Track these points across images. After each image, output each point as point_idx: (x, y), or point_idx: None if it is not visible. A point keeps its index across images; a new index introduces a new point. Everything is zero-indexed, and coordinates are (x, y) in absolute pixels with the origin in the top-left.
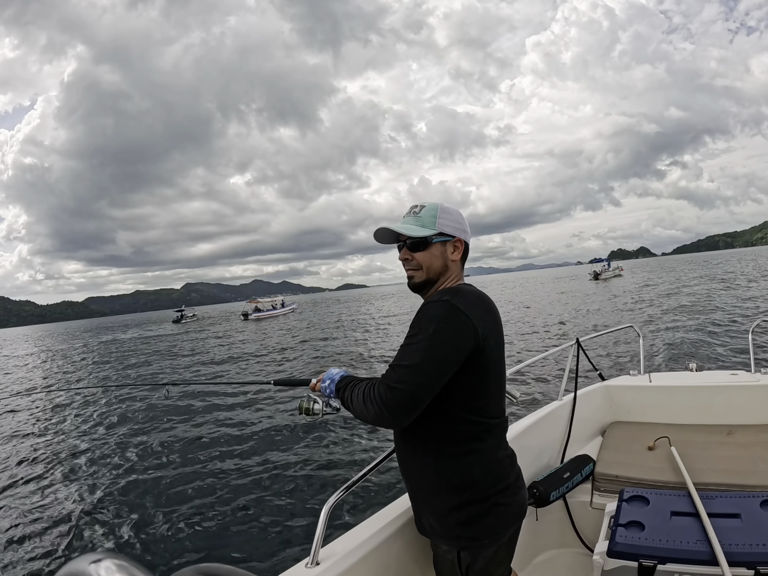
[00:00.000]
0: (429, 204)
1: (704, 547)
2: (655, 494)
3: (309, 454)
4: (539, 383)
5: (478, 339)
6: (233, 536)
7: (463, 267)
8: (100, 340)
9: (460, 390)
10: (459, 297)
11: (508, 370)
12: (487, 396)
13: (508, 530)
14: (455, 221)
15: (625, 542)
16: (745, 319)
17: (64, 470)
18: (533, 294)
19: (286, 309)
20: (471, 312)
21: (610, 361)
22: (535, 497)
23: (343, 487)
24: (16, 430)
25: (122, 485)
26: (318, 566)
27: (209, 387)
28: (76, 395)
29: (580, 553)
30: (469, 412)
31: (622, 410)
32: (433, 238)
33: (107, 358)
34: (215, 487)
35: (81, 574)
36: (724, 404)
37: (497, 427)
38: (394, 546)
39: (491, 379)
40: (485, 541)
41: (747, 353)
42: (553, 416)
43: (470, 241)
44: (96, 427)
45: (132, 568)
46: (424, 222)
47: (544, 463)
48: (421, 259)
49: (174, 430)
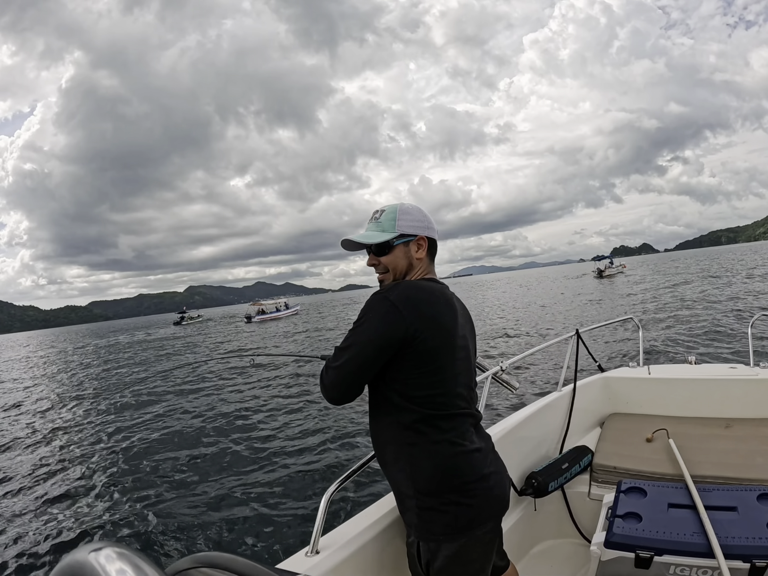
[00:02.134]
0: (389, 207)
1: (701, 540)
2: (653, 486)
3: (310, 443)
4: (539, 374)
5: (408, 330)
6: (233, 524)
7: (433, 261)
8: (106, 342)
9: (394, 376)
10: (394, 291)
11: (507, 361)
12: (431, 386)
13: (470, 531)
14: (415, 220)
15: (623, 533)
16: (745, 313)
17: (64, 462)
18: (535, 294)
19: (289, 311)
20: (403, 304)
21: (609, 353)
22: (534, 487)
23: (343, 476)
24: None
25: (119, 473)
26: (318, 555)
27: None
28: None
29: (578, 544)
30: (407, 400)
31: (620, 402)
32: (394, 241)
33: (117, 357)
34: (216, 475)
35: (82, 564)
36: (723, 397)
37: (451, 419)
38: (392, 535)
39: (432, 367)
40: (440, 537)
41: (746, 347)
42: (552, 407)
43: (436, 236)
44: (98, 417)
45: (133, 557)
46: (384, 226)
47: (542, 454)
48: (386, 262)
49: (173, 423)
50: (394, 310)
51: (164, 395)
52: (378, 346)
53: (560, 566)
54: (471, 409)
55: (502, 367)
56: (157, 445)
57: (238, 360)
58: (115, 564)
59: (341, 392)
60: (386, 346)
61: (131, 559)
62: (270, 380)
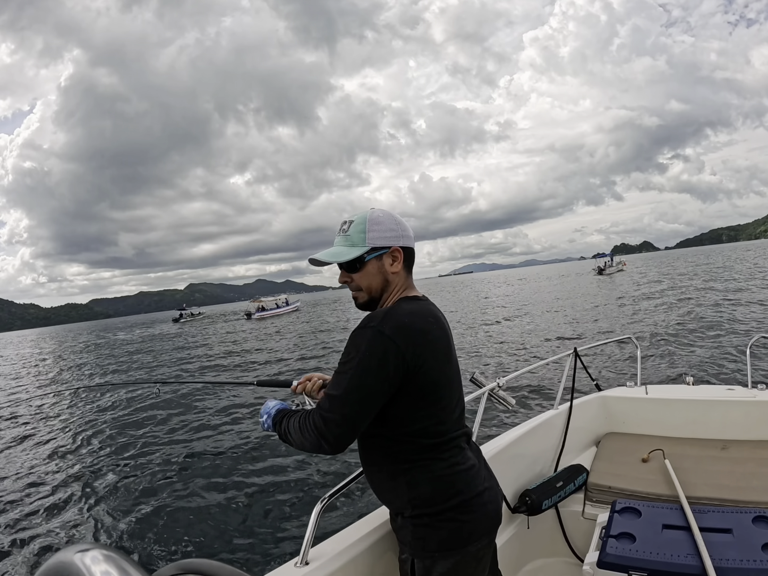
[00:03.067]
0: (357, 218)
1: (695, 561)
2: (648, 506)
3: (300, 455)
4: (535, 391)
5: (408, 364)
6: (222, 533)
7: (410, 272)
8: (104, 339)
9: (397, 413)
10: (386, 321)
11: (504, 377)
12: (429, 417)
13: (465, 547)
14: (387, 230)
15: (616, 553)
16: (745, 333)
17: (53, 467)
18: (536, 294)
19: (290, 307)
20: (398, 337)
21: (606, 372)
22: (527, 505)
23: (335, 488)
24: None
25: (109, 480)
26: (307, 566)
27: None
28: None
29: (571, 563)
30: (402, 434)
31: (617, 421)
32: (365, 256)
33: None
34: (205, 484)
35: (68, 565)
36: (720, 419)
37: (446, 444)
38: (383, 548)
39: (433, 398)
40: (436, 554)
41: (744, 369)
42: (548, 425)
43: (413, 243)
44: (86, 425)
45: (119, 559)
46: (353, 240)
47: (537, 472)
48: (358, 280)
49: (164, 429)
50: (392, 346)
51: (157, 399)
52: (378, 392)
53: None
54: (463, 427)
55: (499, 383)
56: (146, 451)
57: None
58: (100, 566)
59: (344, 438)
60: (386, 391)
61: (117, 562)
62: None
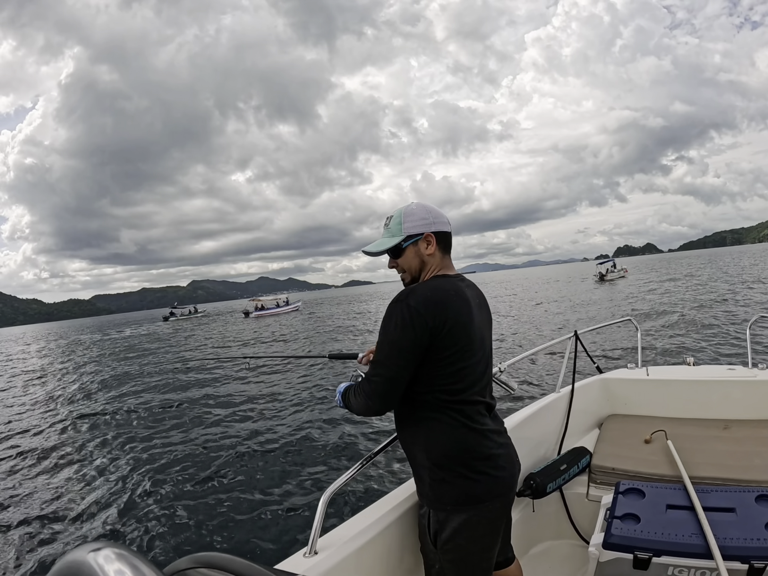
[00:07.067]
0: (396, 212)
1: (699, 541)
2: (651, 487)
3: (309, 443)
4: (537, 375)
5: (432, 332)
6: (232, 525)
7: (447, 252)
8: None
9: (423, 372)
10: (412, 296)
11: (506, 362)
12: (449, 376)
13: (476, 505)
14: (419, 219)
15: (621, 534)
16: (744, 314)
17: (63, 462)
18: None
19: (290, 307)
20: (422, 307)
21: (608, 354)
22: (532, 488)
23: (342, 476)
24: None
25: (119, 473)
26: (316, 555)
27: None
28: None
29: (576, 545)
30: (428, 391)
31: (619, 403)
32: (402, 243)
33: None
34: (214, 475)
35: (80, 564)
36: (721, 399)
37: (463, 404)
38: (392, 537)
39: (452, 361)
40: (449, 507)
41: (745, 348)
42: (550, 408)
43: (447, 227)
44: (97, 414)
45: (131, 557)
46: (393, 231)
47: (541, 455)
48: (401, 264)
49: (164, 428)
50: (416, 314)
51: (163, 394)
52: (410, 353)
53: (558, 567)
54: (486, 397)
55: (501, 368)
56: (155, 445)
57: (231, 365)
58: (113, 564)
59: (388, 397)
60: (417, 351)
61: (130, 559)
62: (268, 382)
